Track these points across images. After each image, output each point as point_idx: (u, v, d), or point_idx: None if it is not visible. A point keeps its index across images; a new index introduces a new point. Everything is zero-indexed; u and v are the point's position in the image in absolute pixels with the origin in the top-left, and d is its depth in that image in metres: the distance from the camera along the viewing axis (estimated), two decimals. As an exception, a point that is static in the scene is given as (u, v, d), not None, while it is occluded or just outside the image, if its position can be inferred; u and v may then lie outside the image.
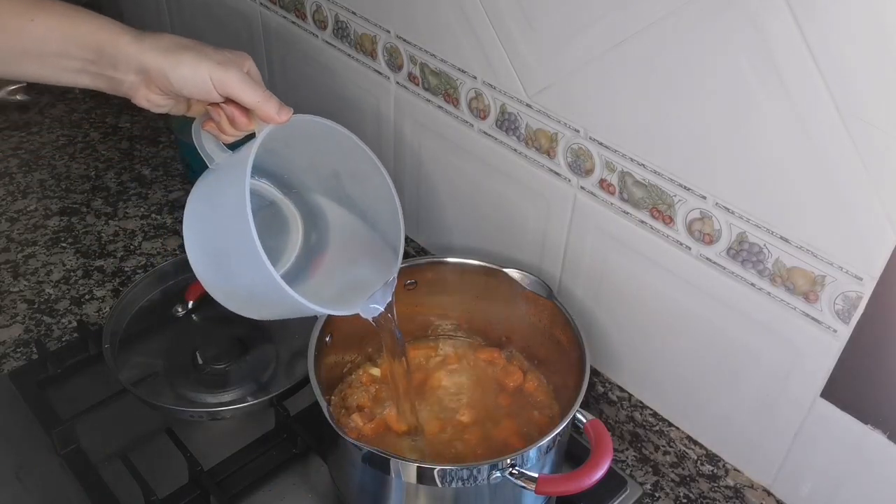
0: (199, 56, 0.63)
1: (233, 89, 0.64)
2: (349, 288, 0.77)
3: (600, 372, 0.89)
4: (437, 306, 0.90)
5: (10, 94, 1.37)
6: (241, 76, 0.64)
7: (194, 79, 0.63)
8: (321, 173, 0.77)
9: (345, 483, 0.79)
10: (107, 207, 1.19)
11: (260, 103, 0.64)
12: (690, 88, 0.66)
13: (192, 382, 0.88)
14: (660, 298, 0.78)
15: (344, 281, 0.77)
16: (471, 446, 0.80)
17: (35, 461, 0.83)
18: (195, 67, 0.63)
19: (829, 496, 0.73)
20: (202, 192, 0.70)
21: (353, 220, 0.78)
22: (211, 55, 0.64)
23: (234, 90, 0.64)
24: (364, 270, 0.77)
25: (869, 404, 0.66)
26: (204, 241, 0.69)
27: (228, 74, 0.63)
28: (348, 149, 0.72)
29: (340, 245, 0.79)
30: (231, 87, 0.64)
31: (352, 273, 0.78)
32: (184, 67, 0.63)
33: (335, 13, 0.98)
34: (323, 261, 0.79)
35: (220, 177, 0.68)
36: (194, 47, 0.64)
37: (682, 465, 0.84)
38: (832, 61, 0.56)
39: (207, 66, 0.63)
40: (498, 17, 0.78)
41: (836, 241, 0.62)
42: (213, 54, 0.64)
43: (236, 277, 0.68)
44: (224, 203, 0.66)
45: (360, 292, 0.75)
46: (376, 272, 0.76)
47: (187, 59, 0.63)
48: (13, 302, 1.03)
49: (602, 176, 0.77)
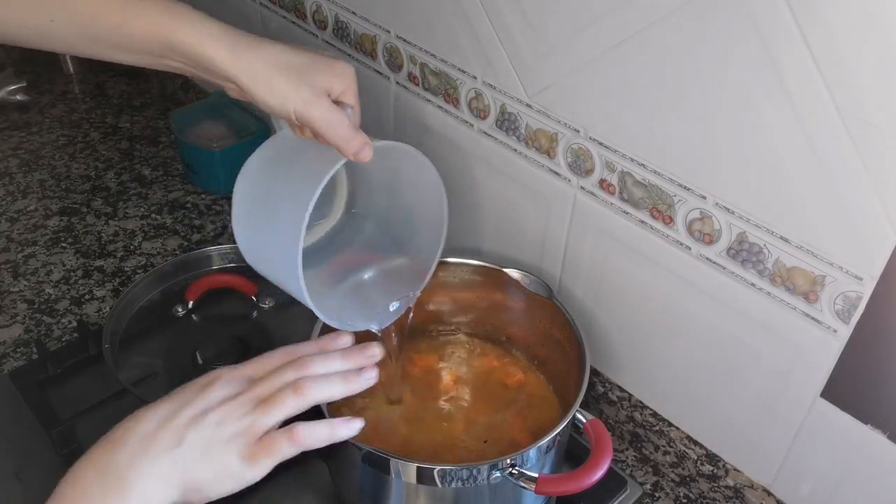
0: (290, 86, 0.61)
1: (314, 128, 0.62)
2: (353, 293, 0.76)
3: (600, 372, 0.89)
4: (437, 306, 0.90)
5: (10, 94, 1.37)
6: (324, 118, 0.62)
7: (280, 110, 0.62)
8: (379, 181, 0.76)
9: (345, 483, 0.79)
10: (107, 207, 1.19)
11: (340, 146, 0.63)
12: (690, 88, 0.66)
13: (192, 382, 0.88)
14: (660, 298, 0.78)
15: (352, 284, 0.77)
16: (470, 446, 0.80)
17: (35, 461, 0.83)
18: (283, 102, 0.61)
19: (829, 496, 0.73)
20: (263, 174, 0.68)
21: (385, 232, 0.78)
22: (303, 86, 0.61)
23: (316, 129, 0.62)
24: (373, 284, 0.77)
25: (869, 404, 0.66)
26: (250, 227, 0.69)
27: (312, 115, 0.61)
28: (419, 174, 0.71)
29: (364, 249, 0.78)
30: (313, 126, 0.62)
31: (361, 283, 0.77)
32: (272, 99, 0.62)
33: (335, 13, 0.98)
34: (342, 256, 0.78)
35: (287, 172, 0.67)
36: (289, 71, 0.61)
37: (682, 465, 0.84)
38: (832, 61, 0.56)
39: (294, 103, 0.61)
40: (498, 17, 0.78)
41: (836, 241, 0.62)
42: (306, 83, 0.61)
43: (271, 266, 0.69)
44: (281, 211, 0.65)
45: (363, 306, 0.75)
46: (384, 292, 0.76)
47: (278, 89, 0.61)
48: (13, 302, 1.03)
49: (602, 176, 0.77)
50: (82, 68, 1.49)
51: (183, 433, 0.56)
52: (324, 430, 0.60)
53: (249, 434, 0.57)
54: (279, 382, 0.60)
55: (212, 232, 1.15)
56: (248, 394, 0.59)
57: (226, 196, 1.22)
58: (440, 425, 0.82)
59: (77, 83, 1.47)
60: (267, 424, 0.58)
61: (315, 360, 0.62)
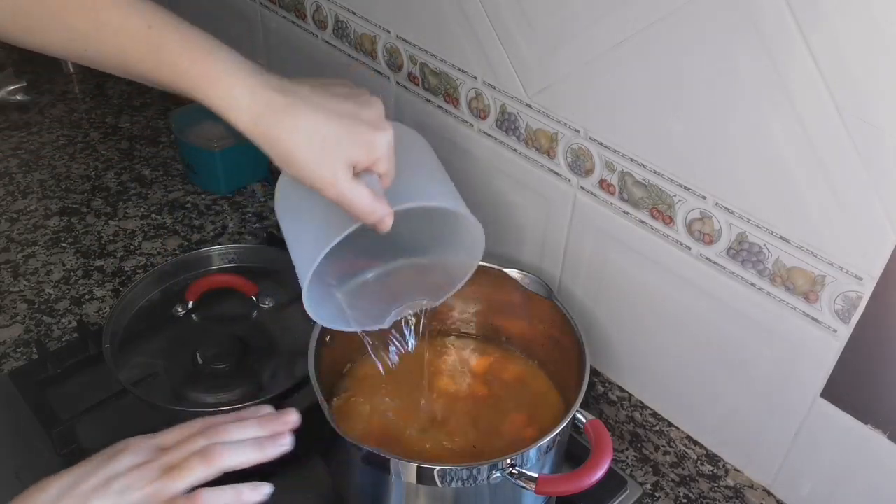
0: (311, 164, 0.59)
1: (332, 200, 0.61)
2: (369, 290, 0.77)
3: (600, 372, 0.89)
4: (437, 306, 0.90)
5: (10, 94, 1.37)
6: (341, 198, 0.60)
7: (297, 179, 0.60)
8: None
9: (345, 483, 0.79)
10: (107, 207, 1.19)
11: (358, 217, 0.61)
12: (690, 88, 0.66)
13: (192, 382, 0.88)
14: (660, 298, 0.78)
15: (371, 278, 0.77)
16: (470, 446, 0.80)
17: (35, 461, 0.83)
18: (300, 175, 0.59)
19: (829, 496, 0.73)
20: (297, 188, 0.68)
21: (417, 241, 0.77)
22: (324, 165, 0.59)
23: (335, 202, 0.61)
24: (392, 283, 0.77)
25: (869, 404, 0.66)
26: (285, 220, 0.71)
27: (327, 194, 0.60)
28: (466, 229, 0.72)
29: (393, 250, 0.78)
30: (330, 199, 0.60)
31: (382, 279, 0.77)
32: (289, 169, 0.60)
33: (335, 13, 0.98)
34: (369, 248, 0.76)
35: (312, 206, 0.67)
36: (311, 146, 0.58)
37: (682, 465, 0.84)
38: (832, 61, 0.56)
39: (311, 181, 0.59)
40: (498, 18, 0.78)
41: (836, 241, 0.62)
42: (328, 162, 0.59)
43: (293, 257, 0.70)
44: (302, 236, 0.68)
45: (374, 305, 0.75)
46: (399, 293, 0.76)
47: (297, 163, 0.59)
48: (13, 302, 1.03)
49: (602, 176, 0.77)
50: (82, 68, 1.49)
51: (85, 501, 0.55)
52: (229, 496, 0.58)
53: (154, 501, 0.55)
54: (188, 450, 0.58)
55: (212, 232, 1.15)
56: (155, 462, 0.57)
57: (226, 196, 1.22)
58: (441, 425, 0.82)
59: (77, 83, 1.47)
60: (173, 491, 0.56)
61: (229, 427, 0.60)
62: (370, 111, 0.61)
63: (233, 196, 1.22)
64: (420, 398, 0.84)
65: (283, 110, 0.58)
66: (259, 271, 1.01)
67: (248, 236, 1.15)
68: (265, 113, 0.58)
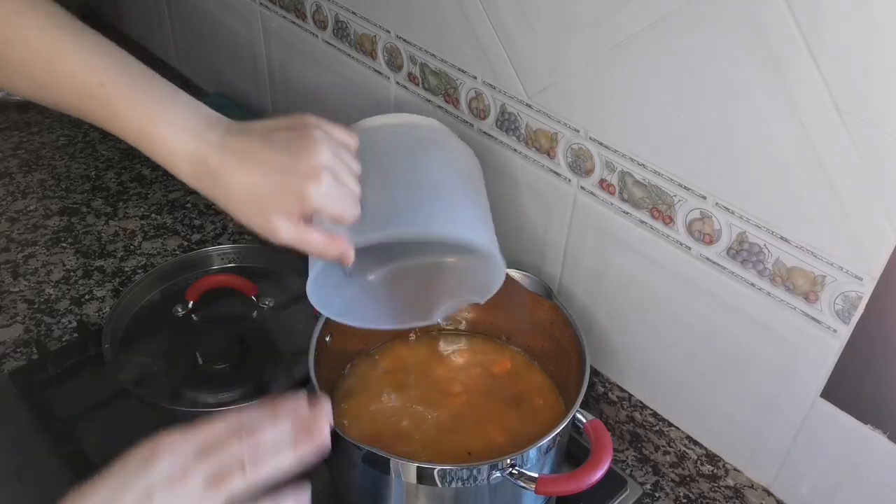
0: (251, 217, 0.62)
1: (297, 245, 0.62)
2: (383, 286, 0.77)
3: (600, 372, 0.89)
4: (437, 306, 0.90)
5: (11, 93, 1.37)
6: (289, 242, 0.62)
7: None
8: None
9: (345, 483, 0.79)
10: (107, 207, 1.19)
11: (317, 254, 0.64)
12: (690, 88, 0.66)
13: (192, 382, 0.88)
14: (660, 298, 0.78)
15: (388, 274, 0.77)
16: (471, 446, 0.80)
17: (35, 461, 0.83)
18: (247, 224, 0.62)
19: (829, 496, 0.73)
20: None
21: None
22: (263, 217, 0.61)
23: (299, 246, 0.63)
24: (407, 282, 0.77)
25: (869, 404, 0.66)
26: None
27: (275, 241, 0.62)
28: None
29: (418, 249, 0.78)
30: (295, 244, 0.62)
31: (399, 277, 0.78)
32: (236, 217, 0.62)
33: (335, 13, 0.98)
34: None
35: None
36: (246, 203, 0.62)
37: (682, 465, 0.84)
38: (832, 61, 0.56)
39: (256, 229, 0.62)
40: (498, 17, 0.78)
41: (836, 241, 0.62)
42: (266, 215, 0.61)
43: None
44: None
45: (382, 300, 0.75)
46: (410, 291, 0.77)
47: (239, 216, 0.62)
48: (13, 302, 1.03)
49: (602, 176, 0.77)
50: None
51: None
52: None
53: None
54: (227, 457, 0.56)
55: (212, 232, 1.15)
56: (196, 472, 0.55)
57: (226, 196, 1.22)
58: (441, 425, 0.82)
59: (77, 83, 1.47)
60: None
61: (265, 426, 0.58)
62: (305, 162, 0.61)
63: (233, 196, 1.22)
64: (420, 398, 0.84)
65: (219, 170, 0.61)
66: (259, 271, 1.01)
67: (248, 236, 1.15)
68: (203, 173, 0.62)
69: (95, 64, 0.61)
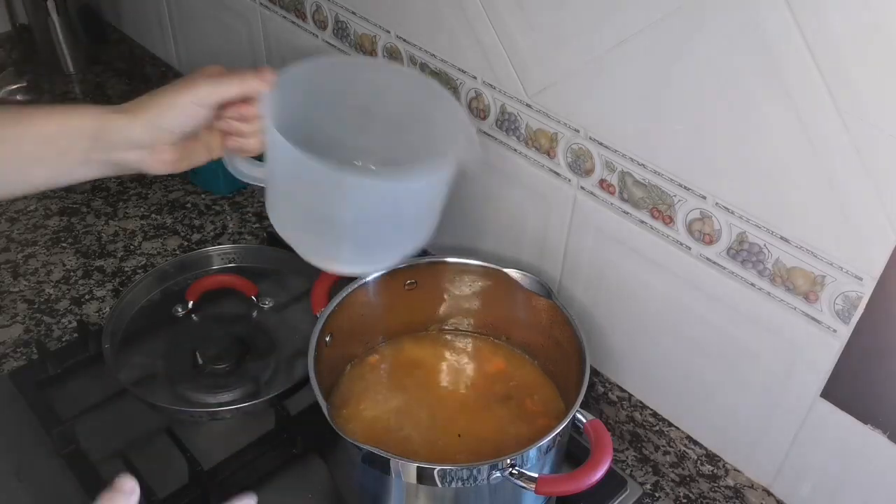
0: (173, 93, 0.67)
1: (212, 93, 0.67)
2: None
3: (600, 372, 0.89)
4: (437, 306, 0.90)
5: (10, 94, 1.37)
6: (208, 80, 0.67)
7: (183, 111, 0.67)
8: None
9: (345, 483, 0.79)
10: (107, 207, 1.19)
11: (239, 84, 0.67)
12: (690, 88, 0.66)
13: (192, 382, 0.88)
14: (660, 298, 0.78)
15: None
16: (470, 446, 0.80)
17: (35, 461, 0.83)
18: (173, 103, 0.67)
19: (829, 496, 0.73)
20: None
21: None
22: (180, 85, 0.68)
23: (213, 93, 0.67)
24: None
25: (869, 404, 0.66)
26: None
27: (199, 86, 0.67)
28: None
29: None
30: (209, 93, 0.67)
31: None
32: (167, 111, 0.67)
33: (335, 13, 0.98)
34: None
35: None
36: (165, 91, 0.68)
37: (682, 465, 0.84)
38: (832, 61, 0.56)
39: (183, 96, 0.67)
40: (498, 18, 0.78)
41: (836, 241, 0.62)
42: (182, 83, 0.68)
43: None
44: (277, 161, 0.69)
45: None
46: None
47: (165, 102, 0.67)
48: (13, 302, 1.03)
49: (602, 176, 0.77)
50: (82, 68, 1.49)
51: None
52: None
53: None
54: None
55: (212, 232, 1.15)
56: None
57: (226, 196, 1.22)
58: (441, 425, 0.82)
59: (77, 83, 1.47)
60: None
61: None
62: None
63: (233, 196, 1.22)
64: (420, 398, 0.84)
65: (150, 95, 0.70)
66: (259, 271, 1.01)
67: (248, 236, 1.15)
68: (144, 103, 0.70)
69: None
